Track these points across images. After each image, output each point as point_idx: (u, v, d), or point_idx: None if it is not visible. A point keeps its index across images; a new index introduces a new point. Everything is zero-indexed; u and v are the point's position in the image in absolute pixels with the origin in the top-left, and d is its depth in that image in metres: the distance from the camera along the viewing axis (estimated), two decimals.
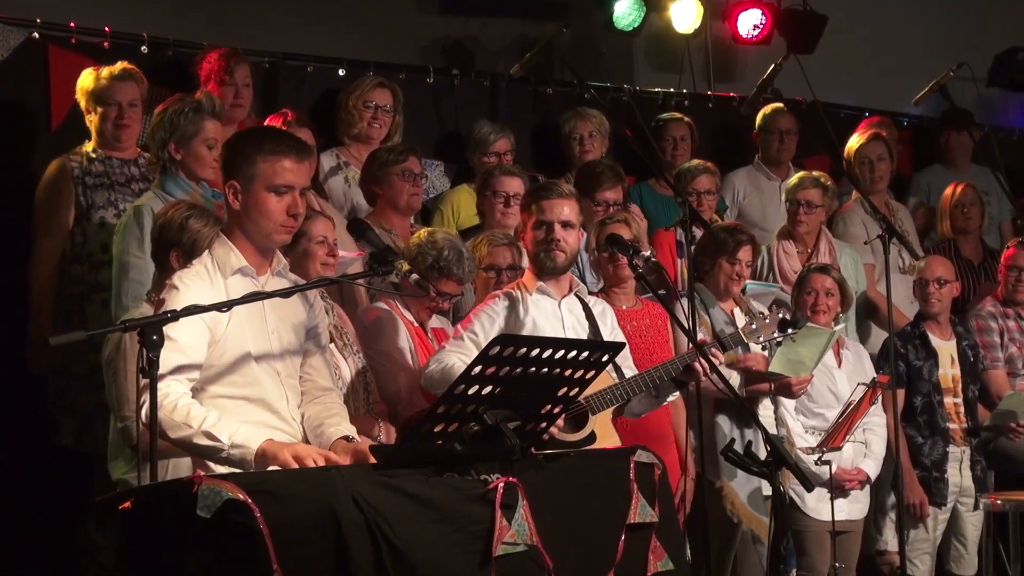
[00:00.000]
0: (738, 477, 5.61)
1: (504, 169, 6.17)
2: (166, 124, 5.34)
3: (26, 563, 5.73)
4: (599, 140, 7.17)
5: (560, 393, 3.78)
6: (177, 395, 3.74)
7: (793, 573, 5.94)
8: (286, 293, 3.97)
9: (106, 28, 6.36)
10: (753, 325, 5.28)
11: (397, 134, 6.60)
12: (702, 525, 5.24)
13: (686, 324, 4.97)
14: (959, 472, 6.60)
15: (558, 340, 4.35)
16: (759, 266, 6.67)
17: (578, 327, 5.01)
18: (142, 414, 3.63)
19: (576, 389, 3.81)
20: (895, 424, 6.16)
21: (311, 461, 3.62)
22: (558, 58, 7.55)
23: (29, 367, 5.63)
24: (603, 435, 4.89)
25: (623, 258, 5.37)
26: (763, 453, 4.14)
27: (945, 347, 6.68)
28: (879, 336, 6.89)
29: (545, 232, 4.93)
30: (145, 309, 4.47)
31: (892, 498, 6.37)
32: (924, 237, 7.93)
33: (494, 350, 3.52)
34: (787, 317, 5.28)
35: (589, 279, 5.92)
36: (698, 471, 5.52)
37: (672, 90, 8.26)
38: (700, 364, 4.85)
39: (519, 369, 3.58)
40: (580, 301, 5.09)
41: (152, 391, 3.54)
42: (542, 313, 4.95)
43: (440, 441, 3.57)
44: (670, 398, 5.11)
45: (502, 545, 3.55)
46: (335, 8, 7.77)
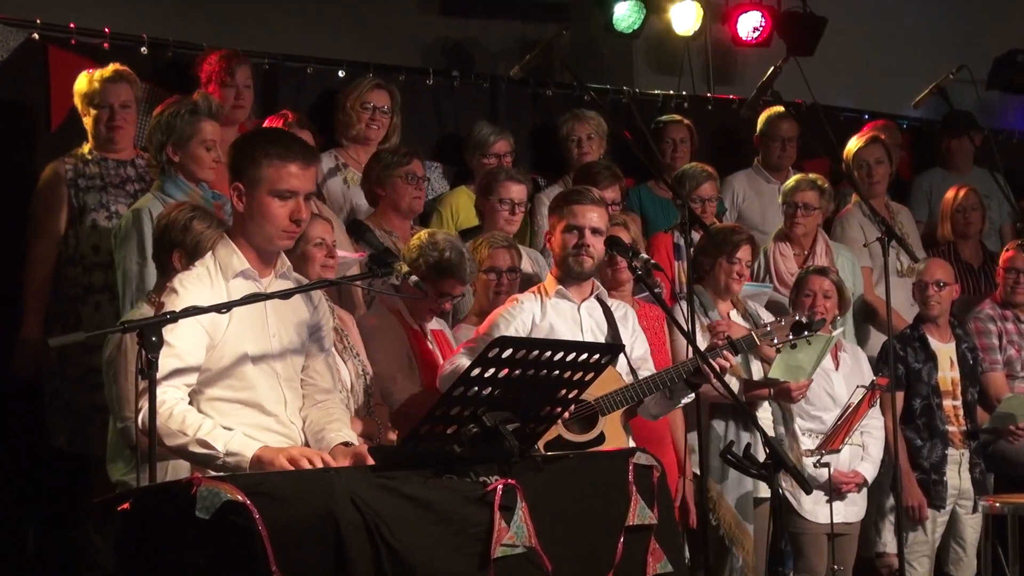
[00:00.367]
0: (729, 480, 5.60)
1: (508, 174, 6.14)
2: (163, 126, 5.33)
3: (25, 564, 5.73)
4: (597, 142, 7.16)
5: (560, 395, 3.78)
6: (173, 402, 3.73)
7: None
8: (286, 294, 3.95)
9: (106, 29, 6.35)
10: (767, 328, 5.27)
11: (395, 135, 6.60)
12: (701, 527, 5.24)
13: (685, 327, 4.96)
14: (958, 475, 6.60)
15: (557, 342, 4.35)
16: (755, 268, 6.66)
17: (597, 331, 5.02)
18: (140, 417, 3.63)
19: (576, 391, 3.81)
20: (894, 427, 6.16)
21: (306, 462, 3.62)
22: (558, 60, 7.53)
23: (13, 370, 5.60)
24: (612, 436, 4.89)
25: (622, 260, 5.37)
26: (762, 455, 4.15)
27: (944, 350, 6.67)
28: (878, 339, 6.88)
29: (577, 237, 4.96)
30: (145, 310, 4.47)
31: (891, 500, 6.36)
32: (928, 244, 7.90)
33: (493, 352, 3.51)
34: (802, 320, 5.26)
35: None
36: (695, 473, 5.52)
37: (672, 92, 8.26)
38: (707, 367, 4.83)
39: (518, 371, 3.57)
40: (601, 304, 5.09)
41: (151, 392, 3.54)
42: (560, 317, 4.97)
43: (439, 443, 3.57)
44: (685, 400, 5.10)
45: (501, 547, 3.55)
46: (335, 9, 7.77)
